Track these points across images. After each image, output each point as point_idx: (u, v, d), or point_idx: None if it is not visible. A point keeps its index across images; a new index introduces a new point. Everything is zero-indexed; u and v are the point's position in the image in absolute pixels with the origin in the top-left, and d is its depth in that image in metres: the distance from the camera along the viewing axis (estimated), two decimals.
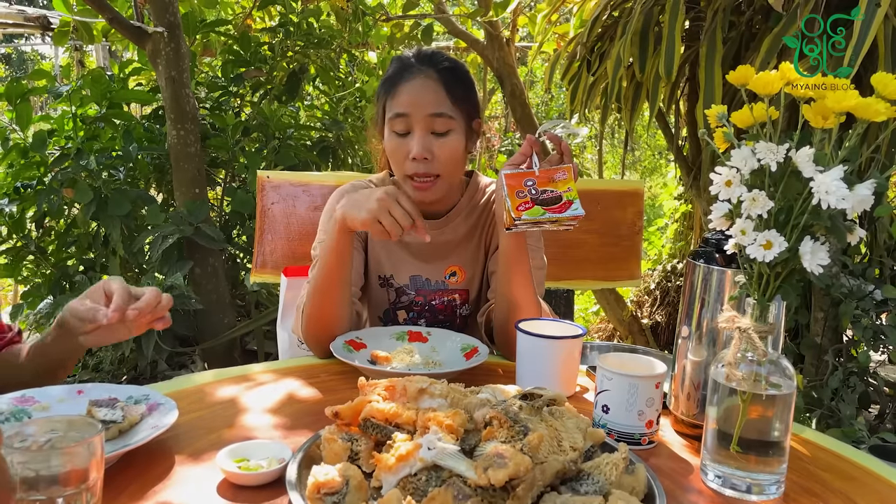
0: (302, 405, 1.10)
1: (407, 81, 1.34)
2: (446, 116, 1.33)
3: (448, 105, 1.34)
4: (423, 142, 1.32)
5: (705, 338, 0.99)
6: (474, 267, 1.47)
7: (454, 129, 1.35)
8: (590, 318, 4.55)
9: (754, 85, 0.84)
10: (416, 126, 1.32)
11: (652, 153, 7.67)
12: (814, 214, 0.79)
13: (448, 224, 1.45)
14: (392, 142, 1.35)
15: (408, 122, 1.33)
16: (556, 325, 1.21)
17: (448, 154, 1.34)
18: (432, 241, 1.32)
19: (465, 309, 1.49)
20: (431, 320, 1.47)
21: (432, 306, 1.46)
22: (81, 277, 2.81)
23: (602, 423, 0.98)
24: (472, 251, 1.47)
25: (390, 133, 1.35)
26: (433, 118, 1.32)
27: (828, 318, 2.28)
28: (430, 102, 1.32)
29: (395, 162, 1.37)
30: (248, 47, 3.21)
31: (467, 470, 0.71)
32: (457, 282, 1.46)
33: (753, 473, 0.85)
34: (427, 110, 1.32)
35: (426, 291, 1.46)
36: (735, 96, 2.15)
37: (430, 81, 1.34)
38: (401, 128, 1.34)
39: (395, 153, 1.35)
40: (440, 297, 1.46)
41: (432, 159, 1.33)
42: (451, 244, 1.46)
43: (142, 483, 0.83)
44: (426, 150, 1.32)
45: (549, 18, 3.07)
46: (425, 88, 1.33)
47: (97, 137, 2.96)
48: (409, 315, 1.47)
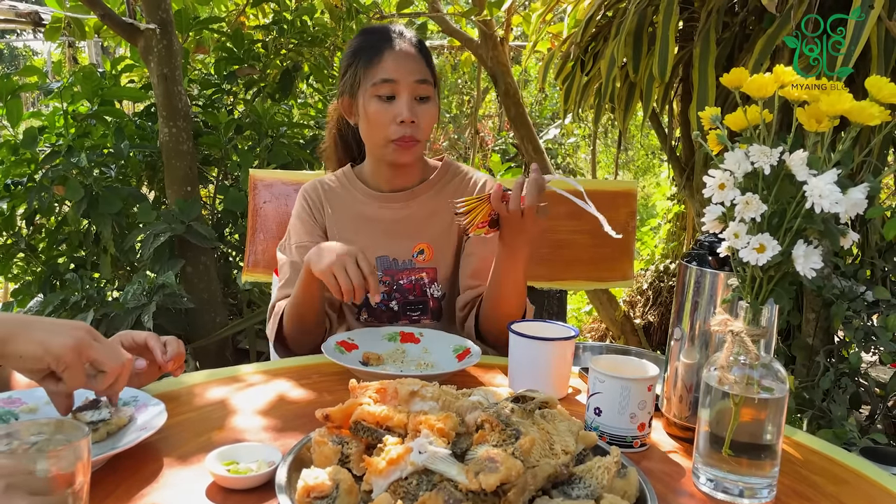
0: (292, 407, 1.10)
1: (391, 50, 1.40)
2: (428, 83, 1.42)
3: (428, 73, 1.43)
4: (410, 106, 1.39)
5: (698, 340, 0.99)
6: (444, 245, 1.49)
7: (432, 97, 1.43)
8: (582, 318, 4.56)
9: (748, 87, 0.83)
10: (404, 91, 1.39)
11: (645, 153, 7.68)
12: (807, 218, 0.78)
13: (415, 198, 1.50)
14: (377, 106, 1.40)
15: (394, 88, 1.39)
16: (549, 326, 1.21)
17: (430, 120, 1.43)
18: (399, 217, 1.46)
19: (437, 289, 1.49)
20: (402, 301, 1.48)
21: (400, 286, 1.48)
22: (72, 275, 2.79)
23: (594, 426, 0.98)
24: (442, 229, 1.49)
25: (373, 98, 1.40)
26: (418, 84, 1.40)
27: (819, 320, 2.28)
28: (415, 69, 1.40)
29: (378, 126, 1.41)
30: (241, 45, 3.19)
31: (458, 474, 0.70)
32: (424, 260, 1.48)
33: (745, 477, 0.85)
34: (414, 76, 1.40)
35: (393, 271, 1.48)
36: (729, 97, 2.15)
37: (413, 51, 1.42)
38: (387, 91, 1.39)
39: (379, 116, 1.40)
40: (407, 276, 1.48)
41: (417, 123, 1.40)
42: (418, 220, 1.49)
43: (129, 486, 0.83)
44: (413, 113, 1.39)
45: (543, 18, 3.06)
46: (410, 56, 1.41)
47: (88, 134, 2.93)
48: (381, 297, 1.49)
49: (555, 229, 1.93)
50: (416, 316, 1.48)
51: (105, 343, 0.89)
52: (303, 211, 1.53)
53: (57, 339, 0.84)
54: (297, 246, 1.49)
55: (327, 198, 1.53)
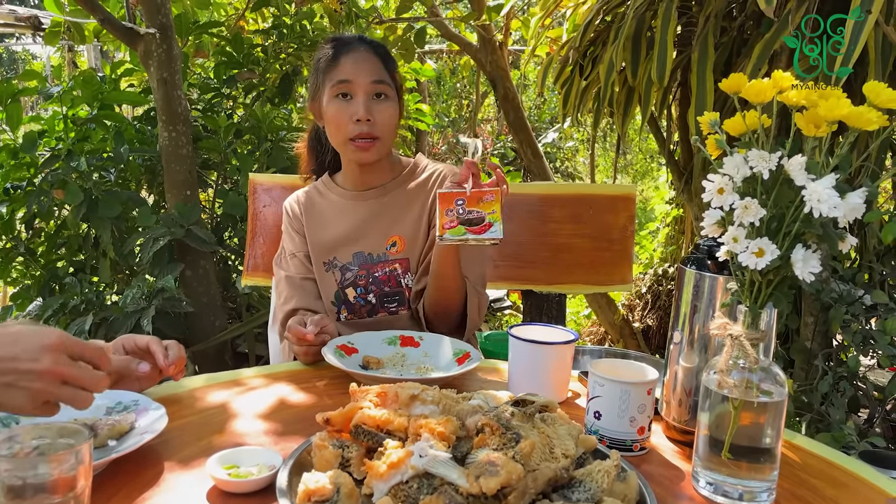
0: (293, 411, 1.10)
1: (348, 54, 1.48)
2: (385, 83, 1.48)
3: (385, 74, 1.49)
4: (365, 104, 1.45)
5: (697, 344, 0.99)
6: (415, 236, 1.54)
7: (390, 97, 1.49)
8: (581, 322, 4.56)
9: (747, 93, 0.84)
10: (359, 90, 1.46)
11: (644, 157, 7.69)
12: (806, 222, 0.79)
13: (386, 194, 1.55)
14: (335, 106, 1.47)
15: (351, 87, 1.46)
16: (548, 330, 1.21)
17: (387, 117, 1.48)
18: (371, 213, 1.53)
19: (410, 279, 1.53)
20: (379, 293, 1.52)
21: (375, 278, 1.52)
22: (71, 279, 2.79)
23: (594, 430, 0.98)
24: (413, 220, 1.55)
25: (332, 99, 1.47)
26: (374, 84, 1.46)
27: (818, 323, 2.29)
28: (371, 70, 1.47)
29: (337, 125, 1.48)
30: (240, 49, 3.20)
31: (459, 478, 0.70)
32: (397, 251, 1.53)
33: (745, 480, 0.86)
34: (369, 77, 1.46)
35: (368, 265, 1.53)
36: (727, 101, 2.15)
37: (369, 54, 1.49)
38: (343, 90, 1.46)
39: (337, 116, 1.47)
40: (382, 268, 1.52)
41: (373, 122, 1.46)
42: (390, 214, 1.54)
43: (130, 490, 0.83)
44: (368, 111, 1.45)
45: (542, 22, 3.07)
46: (366, 59, 1.48)
47: (88, 138, 2.94)
48: (358, 291, 1.53)
49: (555, 233, 1.93)
50: (394, 308, 1.53)
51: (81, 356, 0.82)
52: (287, 224, 1.62)
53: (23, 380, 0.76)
54: (290, 256, 1.58)
55: (304, 207, 1.60)
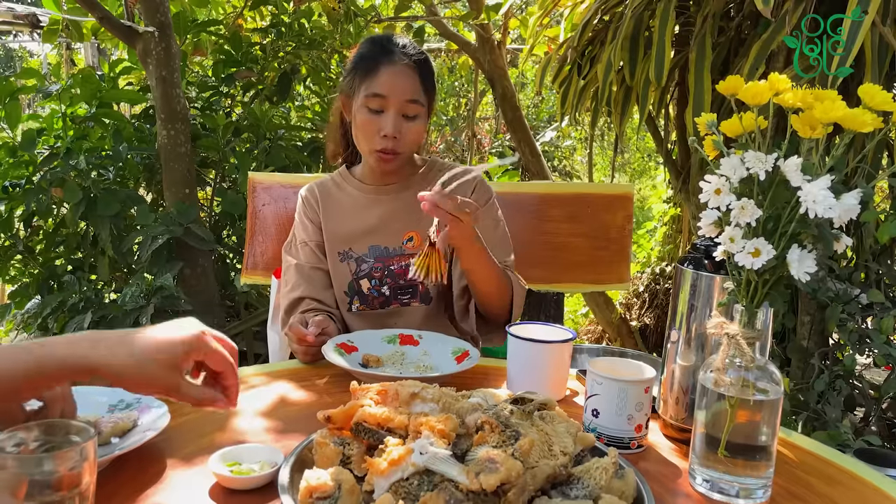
0: (294, 409, 1.11)
1: (388, 65, 1.45)
2: (418, 103, 1.46)
3: (420, 94, 1.47)
4: (395, 122, 1.44)
5: (694, 343, 1.00)
6: None
7: (421, 115, 1.48)
8: (579, 321, 4.57)
9: (744, 95, 0.85)
10: (392, 107, 1.44)
11: (641, 156, 7.70)
12: (801, 223, 0.80)
13: (405, 191, 1.56)
14: (365, 116, 1.46)
15: (383, 103, 1.44)
16: (547, 328, 1.22)
17: (414, 137, 1.48)
18: (389, 208, 1.53)
19: None
20: (394, 285, 1.53)
21: (391, 271, 1.53)
22: (70, 277, 2.79)
23: (592, 428, 0.99)
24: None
25: (363, 108, 1.46)
26: (407, 103, 1.45)
27: (814, 322, 2.30)
28: (408, 89, 1.45)
29: (365, 134, 1.47)
30: (239, 47, 3.20)
31: (459, 475, 0.71)
32: (413, 246, 1.53)
33: (741, 478, 0.87)
34: (404, 96, 1.44)
35: (384, 258, 1.54)
36: (724, 100, 2.17)
37: (409, 70, 1.46)
38: (376, 105, 1.44)
39: (366, 127, 1.46)
40: (398, 261, 1.53)
41: (400, 140, 1.45)
42: (407, 210, 1.53)
43: (133, 487, 0.83)
44: (397, 130, 1.44)
45: (540, 22, 3.08)
46: (404, 76, 1.45)
47: (87, 137, 2.94)
48: (372, 283, 1.53)
49: (553, 232, 1.94)
50: (407, 300, 1.54)
51: None
52: (301, 212, 1.61)
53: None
54: (302, 245, 1.57)
55: (322, 197, 1.60)
